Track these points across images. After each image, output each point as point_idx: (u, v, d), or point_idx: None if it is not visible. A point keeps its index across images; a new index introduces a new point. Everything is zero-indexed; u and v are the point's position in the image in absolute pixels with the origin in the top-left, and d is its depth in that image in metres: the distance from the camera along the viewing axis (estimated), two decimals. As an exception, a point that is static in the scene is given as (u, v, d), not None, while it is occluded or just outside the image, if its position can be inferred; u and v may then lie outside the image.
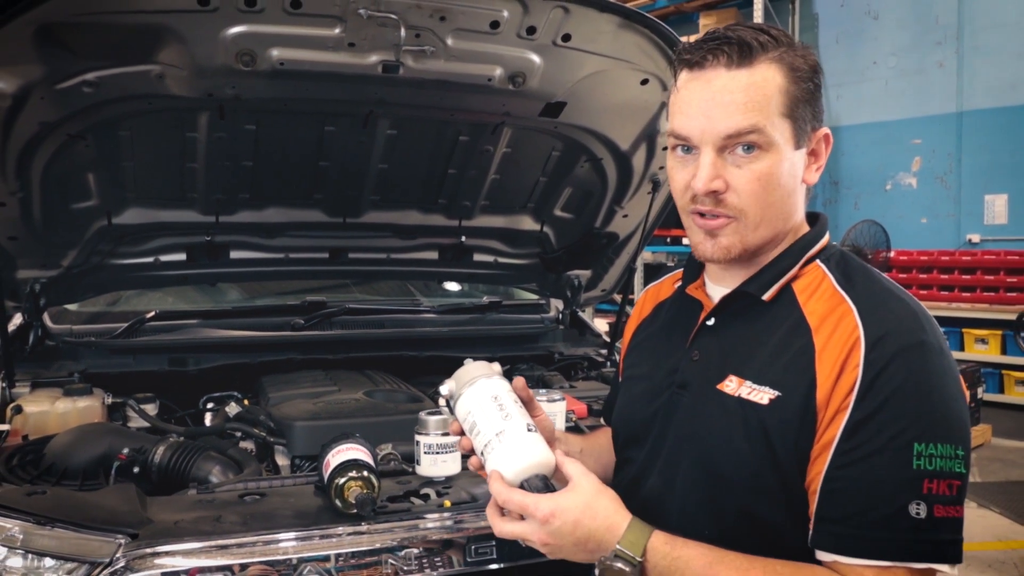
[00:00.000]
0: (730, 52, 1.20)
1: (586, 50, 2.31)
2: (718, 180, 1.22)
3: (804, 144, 1.25)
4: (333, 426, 2.10)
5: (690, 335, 1.36)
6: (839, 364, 1.15)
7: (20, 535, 1.59)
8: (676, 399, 1.33)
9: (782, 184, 1.23)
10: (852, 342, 1.15)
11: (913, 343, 1.14)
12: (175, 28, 2.02)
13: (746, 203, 1.22)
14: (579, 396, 2.62)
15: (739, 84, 1.20)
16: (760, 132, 1.19)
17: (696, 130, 1.22)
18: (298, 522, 1.70)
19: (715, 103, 1.20)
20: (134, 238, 2.72)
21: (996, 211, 8.56)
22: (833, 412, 1.14)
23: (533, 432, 1.24)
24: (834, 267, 1.27)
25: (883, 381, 1.12)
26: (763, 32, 1.23)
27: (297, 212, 2.83)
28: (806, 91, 1.23)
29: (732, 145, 1.21)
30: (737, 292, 1.31)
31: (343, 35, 2.11)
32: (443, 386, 1.35)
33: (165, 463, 2.00)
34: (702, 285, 1.40)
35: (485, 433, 1.25)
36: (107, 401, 2.40)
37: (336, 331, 2.98)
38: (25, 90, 2.06)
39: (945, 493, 1.10)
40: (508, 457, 1.21)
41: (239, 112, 2.36)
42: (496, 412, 1.26)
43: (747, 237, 1.25)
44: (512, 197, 2.99)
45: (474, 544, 1.74)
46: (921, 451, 1.10)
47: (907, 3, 9.08)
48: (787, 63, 1.22)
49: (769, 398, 1.19)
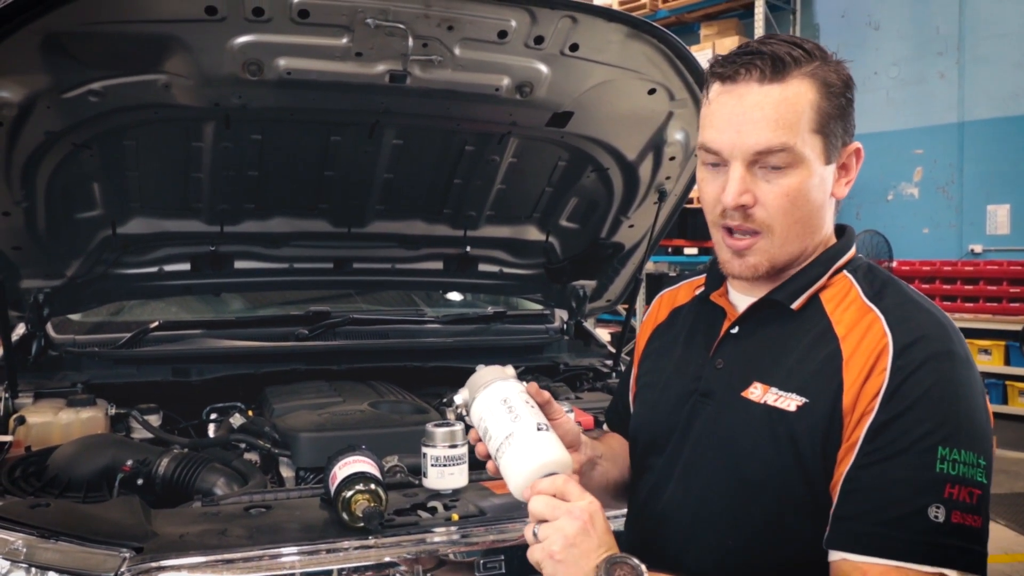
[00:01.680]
0: (763, 67, 1.20)
1: (593, 60, 2.30)
2: (747, 195, 1.22)
3: (835, 159, 1.24)
4: (338, 438, 2.08)
5: (713, 343, 1.35)
6: (867, 369, 1.15)
7: (23, 548, 1.57)
8: (699, 407, 1.32)
9: (811, 199, 1.23)
10: (880, 348, 1.15)
11: (942, 351, 1.15)
12: (182, 37, 2.01)
13: (774, 218, 1.23)
14: (585, 407, 2.60)
15: (771, 100, 1.19)
16: (789, 150, 1.19)
17: (726, 144, 1.22)
18: (304, 536, 1.69)
19: (746, 119, 1.20)
20: (138, 248, 2.71)
21: (999, 221, 8.56)
22: (859, 415, 1.14)
23: (545, 431, 1.22)
24: (861, 278, 1.27)
25: (911, 385, 1.12)
26: (797, 46, 1.22)
27: (302, 222, 2.82)
28: (838, 106, 1.22)
29: (762, 160, 1.21)
30: (765, 300, 1.30)
31: (350, 45, 2.10)
32: (457, 395, 1.34)
33: (169, 475, 1.99)
34: (725, 293, 1.39)
35: (496, 437, 1.23)
36: (110, 412, 2.39)
37: (340, 341, 2.97)
38: (31, 99, 2.06)
39: (966, 500, 1.09)
40: (518, 459, 1.19)
41: (245, 122, 2.35)
42: (505, 415, 1.24)
43: (774, 254, 1.25)
44: (518, 207, 2.98)
45: (483, 558, 1.73)
46: (945, 455, 1.09)
47: (908, 13, 9.10)
48: (820, 78, 1.21)
49: (796, 405, 1.19)
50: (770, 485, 1.20)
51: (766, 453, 1.20)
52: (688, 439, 1.33)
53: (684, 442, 1.33)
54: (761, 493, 1.21)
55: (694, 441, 1.32)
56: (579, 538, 1.11)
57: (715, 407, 1.29)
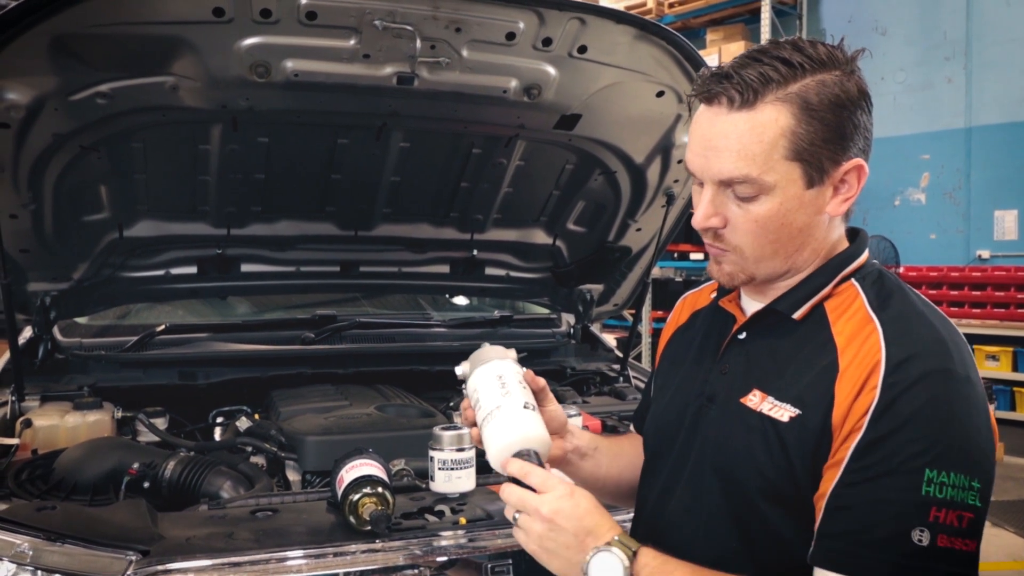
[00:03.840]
0: (730, 94, 1.16)
1: (602, 62, 2.29)
2: (715, 218, 1.22)
3: (822, 181, 1.19)
4: (345, 441, 2.08)
5: (721, 348, 1.34)
6: (858, 385, 1.13)
7: (30, 551, 1.57)
8: (704, 411, 1.32)
9: (787, 223, 1.20)
10: (872, 364, 1.13)
11: (937, 369, 1.11)
12: (189, 39, 2.01)
13: (743, 241, 1.22)
14: (593, 411, 2.59)
15: (737, 130, 1.16)
16: (751, 182, 1.16)
17: (697, 168, 1.22)
18: (311, 539, 1.68)
19: (710, 146, 1.18)
20: (145, 251, 2.71)
21: (1006, 227, 8.53)
22: (847, 432, 1.12)
23: (530, 411, 1.29)
24: (869, 287, 1.24)
25: (902, 404, 1.09)
26: (782, 63, 1.15)
27: (309, 225, 2.82)
28: (825, 127, 1.15)
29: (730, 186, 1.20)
30: (768, 309, 1.29)
31: (358, 46, 2.10)
32: (458, 367, 1.42)
33: (176, 478, 1.99)
34: (736, 298, 1.38)
35: (485, 407, 1.31)
36: (117, 415, 2.39)
37: (346, 345, 2.97)
38: (39, 101, 2.06)
39: (953, 524, 1.06)
40: (501, 430, 1.26)
41: (252, 124, 2.35)
42: (498, 389, 1.31)
43: (749, 269, 1.25)
44: (525, 210, 2.97)
45: (491, 562, 1.72)
46: (932, 477, 1.06)
47: (915, 18, 9.09)
48: (798, 101, 1.14)
49: (789, 416, 1.18)
50: (763, 492, 1.19)
51: (759, 460, 1.19)
52: (693, 443, 1.32)
53: (689, 445, 1.33)
54: (755, 499, 1.20)
55: (698, 445, 1.31)
56: (547, 538, 1.17)
57: (717, 412, 1.29)
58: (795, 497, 1.17)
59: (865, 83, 1.21)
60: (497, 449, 1.25)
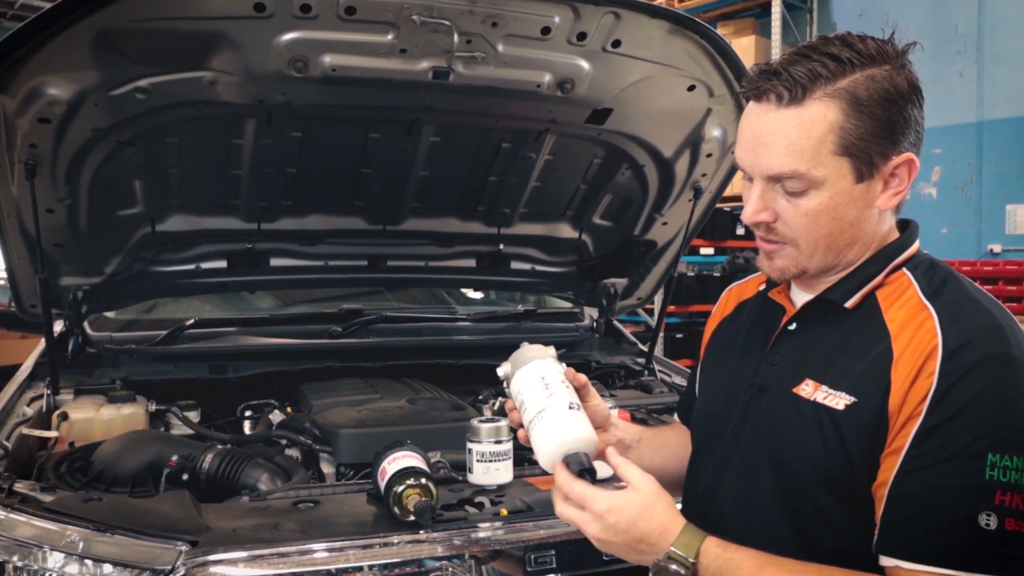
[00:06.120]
0: (780, 90, 1.18)
1: (635, 56, 2.29)
2: (765, 212, 1.24)
3: (872, 175, 1.20)
4: (380, 434, 2.09)
5: (771, 339, 1.35)
6: (914, 371, 1.13)
7: (80, 542, 1.58)
8: (755, 402, 1.33)
9: (838, 217, 1.21)
10: (929, 350, 1.13)
11: (995, 354, 1.12)
12: (230, 34, 2.01)
13: (796, 234, 1.24)
14: (620, 405, 2.60)
15: (785, 126, 1.18)
16: (800, 177, 1.18)
17: (747, 164, 1.25)
18: (356, 530, 1.69)
19: (759, 142, 1.21)
20: (176, 245, 2.72)
21: (1018, 221, 8.50)
22: (905, 419, 1.13)
23: (576, 411, 1.31)
24: (920, 275, 1.25)
25: (960, 389, 1.10)
26: (831, 59, 1.17)
27: (338, 219, 2.82)
28: (874, 122, 1.17)
29: (780, 181, 1.22)
30: (819, 299, 1.30)
31: (395, 41, 2.11)
32: (500, 368, 1.44)
33: (214, 470, 2.00)
34: (786, 289, 1.39)
35: (531, 410, 1.33)
36: (150, 408, 2.40)
37: (373, 339, 2.99)
38: (80, 96, 2.06)
39: (1019, 507, 1.07)
40: (548, 433, 1.29)
41: (286, 119, 2.36)
42: (542, 391, 1.33)
43: (802, 262, 1.26)
44: (551, 204, 2.98)
45: (533, 553, 1.72)
46: (995, 462, 1.07)
47: (926, 13, 9.05)
48: (847, 97, 1.16)
49: (845, 404, 1.19)
50: (818, 481, 1.20)
51: (814, 449, 1.20)
52: (743, 433, 1.34)
53: (739, 435, 1.34)
54: (810, 488, 1.21)
55: (748, 435, 1.33)
56: (607, 545, 1.22)
57: (768, 402, 1.30)
58: (850, 485, 1.18)
59: (916, 77, 1.23)
60: (546, 454, 1.29)
